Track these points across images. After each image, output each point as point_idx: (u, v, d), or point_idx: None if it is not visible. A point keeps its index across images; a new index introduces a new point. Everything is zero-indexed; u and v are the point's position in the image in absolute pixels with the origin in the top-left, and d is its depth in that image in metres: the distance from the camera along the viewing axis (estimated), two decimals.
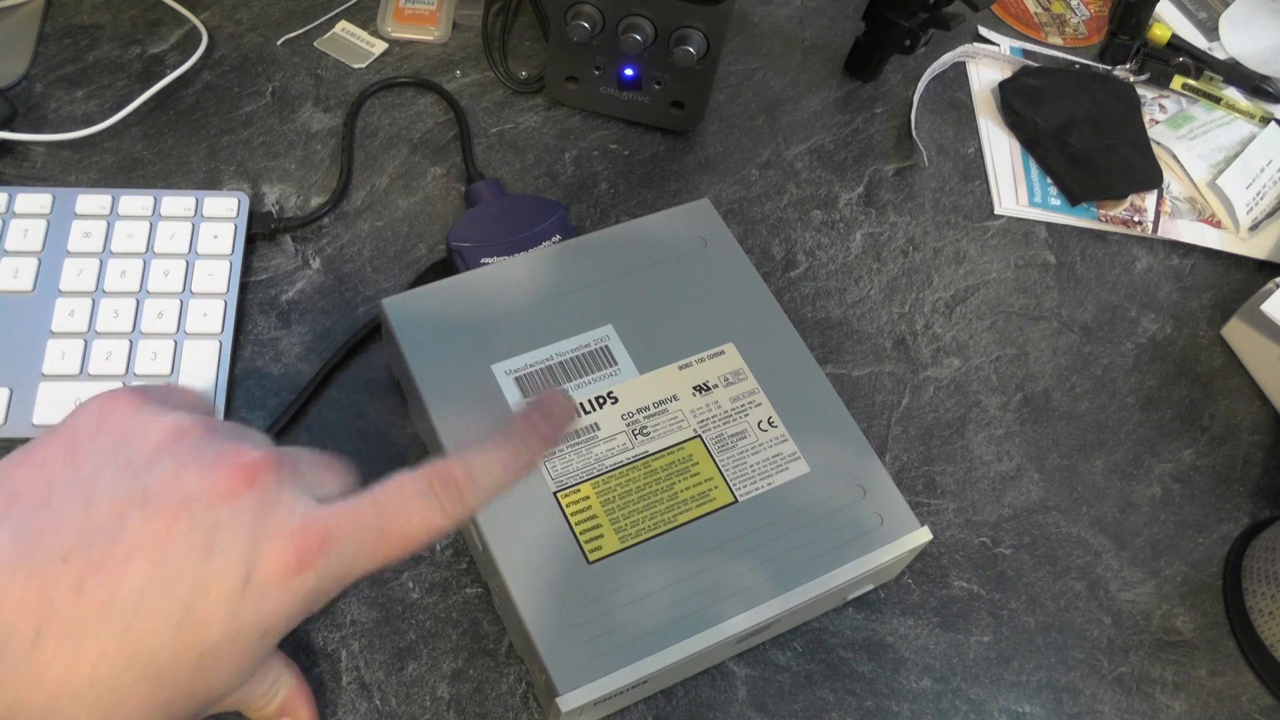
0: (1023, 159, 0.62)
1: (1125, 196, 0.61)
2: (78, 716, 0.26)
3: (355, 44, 0.60)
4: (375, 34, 0.61)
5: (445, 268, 0.51)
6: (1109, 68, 0.67)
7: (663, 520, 0.41)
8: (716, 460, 0.42)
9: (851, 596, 0.44)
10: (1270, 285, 0.54)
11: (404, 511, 0.30)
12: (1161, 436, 0.52)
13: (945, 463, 0.50)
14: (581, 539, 0.40)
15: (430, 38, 0.61)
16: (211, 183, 0.54)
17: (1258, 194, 0.62)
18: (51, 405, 0.44)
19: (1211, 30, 0.71)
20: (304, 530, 0.28)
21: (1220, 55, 0.69)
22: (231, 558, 0.27)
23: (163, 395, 0.32)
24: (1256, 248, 0.60)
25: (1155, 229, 0.60)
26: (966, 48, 0.66)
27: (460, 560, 0.44)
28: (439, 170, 0.56)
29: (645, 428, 0.43)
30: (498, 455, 0.31)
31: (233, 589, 0.27)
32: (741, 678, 0.43)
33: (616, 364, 0.44)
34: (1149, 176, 0.61)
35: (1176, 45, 0.68)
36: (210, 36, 0.59)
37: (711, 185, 0.58)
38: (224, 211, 0.50)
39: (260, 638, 0.28)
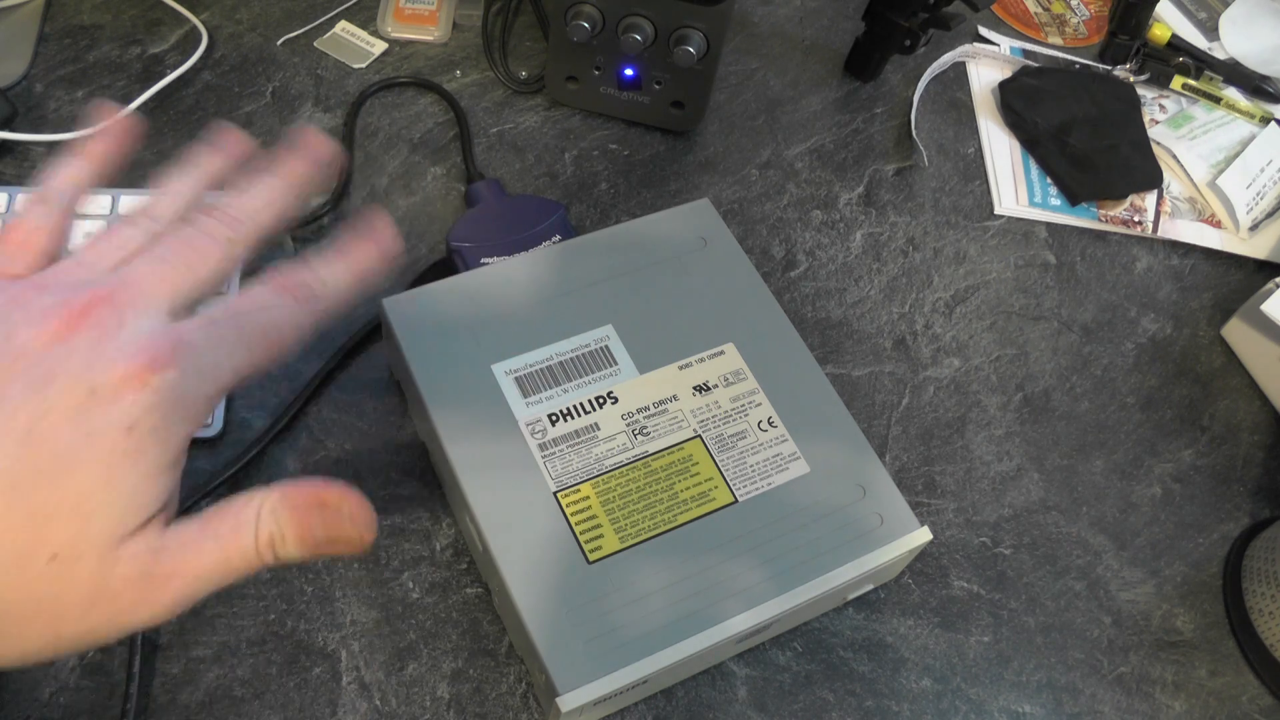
0: (1023, 159, 0.62)
1: (1125, 196, 0.61)
2: None
3: (355, 44, 0.60)
4: (375, 34, 0.61)
5: (445, 268, 0.51)
6: (1109, 68, 0.67)
7: (663, 520, 0.41)
8: (716, 460, 0.42)
9: (851, 596, 0.44)
10: (1270, 285, 0.54)
11: (261, 312, 0.31)
12: (1161, 436, 0.52)
13: (945, 463, 0.50)
14: (581, 539, 0.40)
15: (430, 38, 0.61)
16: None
17: (1258, 194, 0.62)
18: None
19: (1211, 30, 0.71)
20: (151, 340, 0.29)
21: (1220, 55, 0.69)
22: (70, 379, 0.28)
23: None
24: (1256, 248, 0.60)
25: (1155, 229, 0.60)
26: (966, 48, 0.66)
27: (460, 560, 0.44)
28: (439, 170, 0.56)
29: (645, 428, 0.43)
30: (340, 259, 0.33)
31: (76, 401, 0.28)
32: (741, 678, 0.43)
33: (616, 364, 0.44)
34: (1149, 176, 0.61)
35: (1176, 45, 0.68)
36: (210, 36, 0.59)
37: (711, 185, 0.58)
38: None
39: (126, 432, 0.28)
